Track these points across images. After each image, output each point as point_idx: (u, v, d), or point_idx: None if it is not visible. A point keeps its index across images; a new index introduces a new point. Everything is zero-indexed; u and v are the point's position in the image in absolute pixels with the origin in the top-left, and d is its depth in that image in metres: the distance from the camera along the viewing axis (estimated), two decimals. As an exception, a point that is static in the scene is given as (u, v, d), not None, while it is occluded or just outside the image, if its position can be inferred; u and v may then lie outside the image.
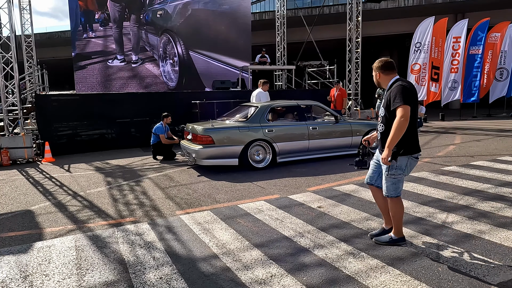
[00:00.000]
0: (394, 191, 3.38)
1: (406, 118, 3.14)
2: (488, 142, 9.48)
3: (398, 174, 3.34)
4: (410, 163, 3.35)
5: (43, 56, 19.89)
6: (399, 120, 3.14)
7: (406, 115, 3.14)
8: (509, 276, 2.91)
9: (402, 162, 3.31)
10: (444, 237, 3.69)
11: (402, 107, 3.15)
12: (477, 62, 14.68)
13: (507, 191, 5.14)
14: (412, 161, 3.37)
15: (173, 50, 16.10)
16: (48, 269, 3.28)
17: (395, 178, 3.35)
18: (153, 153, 8.64)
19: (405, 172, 3.37)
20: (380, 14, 21.39)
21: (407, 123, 3.15)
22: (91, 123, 10.41)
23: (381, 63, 3.46)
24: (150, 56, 15.97)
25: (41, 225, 4.48)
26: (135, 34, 15.52)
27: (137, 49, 15.64)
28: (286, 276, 3.02)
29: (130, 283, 2.99)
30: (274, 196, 5.33)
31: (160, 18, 15.84)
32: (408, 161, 3.33)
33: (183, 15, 16.17)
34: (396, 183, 3.37)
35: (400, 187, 3.40)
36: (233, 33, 16.91)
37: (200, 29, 16.31)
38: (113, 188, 6.13)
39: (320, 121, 8.10)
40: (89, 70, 15.09)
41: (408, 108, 3.16)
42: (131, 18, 15.36)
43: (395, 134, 3.15)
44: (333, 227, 4.05)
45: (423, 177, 6.09)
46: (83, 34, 14.87)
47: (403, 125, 3.14)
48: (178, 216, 4.60)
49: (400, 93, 3.20)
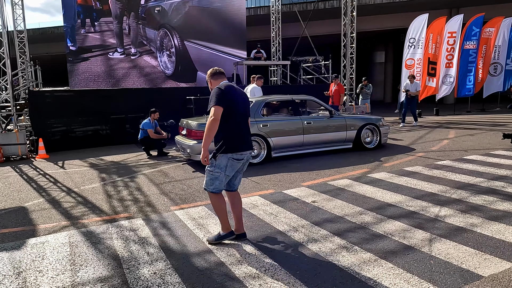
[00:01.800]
0: (211, 186, 3.50)
1: (216, 118, 3.29)
2: (482, 136, 9.54)
3: (216, 172, 3.46)
4: (231, 163, 3.46)
5: (36, 52, 19.72)
6: (209, 120, 3.31)
7: (215, 115, 3.30)
8: (500, 268, 2.94)
9: (222, 161, 3.44)
10: (437, 230, 3.72)
11: (213, 108, 3.33)
12: (472, 57, 14.72)
13: (499, 185, 5.19)
14: (233, 163, 3.47)
15: (170, 43, 16.64)
16: (42, 265, 3.27)
17: (213, 175, 3.47)
18: (145, 150, 8.56)
19: (225, 171, 3.47)
20: (375, 9, 21.37)
21: (216, 122, 3.29)
22: (85, 119, 10.36)
23: (210, 72, 3.68)
24: (148, 50, 16.52)
25: (35, 221, 4.46)
26: (134, 29, 16.13)
27: (136, 43, 16.28)
28: (279, 270, 3.04)
29: (124, 279, 3.00)
30: (268, 191, 5.34)
31: (158, 13, 16.25)
32: (228, 162, 3.44)
33: (179, 12, 16.55)
34: (214, 179, 3.48)
35: (216, 185, 3.49)
36: (228, 24, 17.09)
37: (195, 24, 16.64)
38: (107, 184, 6.12)
39: (314, 115, 8.11)
40: (92, 61, 15.65)
41: (219, 109, 3.32)
42: (130, 15, 15.82)
43: (206, 133, 3.32)
44: (326, 222, 4.07)
45: (416, 171, 6.13)
46: (81, 30, 15.05)
47: (211, 125, 3.29)
48: (173, 212, 4.60)
49: (214, 95, 3.38)
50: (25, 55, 14.94)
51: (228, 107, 3.36)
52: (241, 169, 3.63)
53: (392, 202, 4.63)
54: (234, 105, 3.43)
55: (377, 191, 5.13)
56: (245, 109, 3.62)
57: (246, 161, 3.61)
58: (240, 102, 3.51)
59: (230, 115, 3.39)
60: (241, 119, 3.51)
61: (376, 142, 8.23)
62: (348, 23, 14.94)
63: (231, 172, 3.51)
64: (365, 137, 8.18)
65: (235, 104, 3.45)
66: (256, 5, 22.38)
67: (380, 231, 3.74)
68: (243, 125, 3.54)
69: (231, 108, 3.40)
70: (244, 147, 3.50)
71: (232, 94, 3.44)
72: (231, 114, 3.40)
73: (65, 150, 9.72)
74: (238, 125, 3.48)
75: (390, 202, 4.65)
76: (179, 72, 16.68)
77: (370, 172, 6.21)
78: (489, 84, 15.93)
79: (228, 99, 3.38)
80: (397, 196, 4.88)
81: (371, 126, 8.19)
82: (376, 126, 8.20)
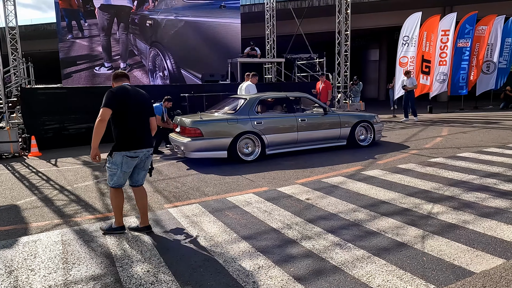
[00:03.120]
0: (111, 181, 3.77)
1: (102, 119, 3.51)
2: (475, 134, 9.61)
3: (113, 168, 3.70)
4: (126, 161, 3.67)
5: (28, 48, 19.49)
6: (96, 121, 3.53)
7: (102, 116, 3.53)
8: (491, 264, 2.97)
9: (117, 158, 3.66)
10: (429, 227, 3.74)
11: (101, 109, 3.56)
12: (465, 55, 14.81)
13: (491, 182, 5.23)
14: (128, 160, 3.68)
15: (162, 63, 15.84)
16: (34, 264, 3.24)
17: (111, 171, 3.72)
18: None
19: (121, 168, 3.68)
20: (369, 6, 21.40)
21: (101, 123, 3.52)
22: (78, 116, 10.27)
23: (112, 75, 3.95)
24: (138, 62, 15.60)
25: (27, 219, 4.42)
26: (124, 42, 15.18)
27: (125, 56, 15.30)
28: (273, 267, 3.04)
29: (117, 277, 2.98)
30: (262, 189, 5.34)
31: (149, 28, 15.49)
32: (123, 159, 3.66)
33: (173, 28, 15.82)
34: (112, 175, 3.73)
35: (115, 180, 3.74)
36: (223, 44, 16.67)
37: (190, 47, 15.96)
38: (100, 182, 6.08)
39: (309, 113, 8.11)
40: (74, 79, 14.74)
41: (107, 111, 3.55)
42: (120, 26, 15.04)
43: (93, 133, 3.55)
44: (320, 219, 4.08)
45: (410, 169, 6.16)
46: (68, 35, 14.52)
47: (97, 125, 3.52)
48: (166, 210, 4.59)
49: (104, 98, 3.60)
50: (17, 52, 14.77)
51: (119, 109, 3.60)
52: (141, 166, 3.83)
53: (386, 199, 4.65)
54: (125, 106, 3.64)
55: (371, 188, 5.15)
56: (141, 109, 3.78)
57: (145, 158, 3.81)
58: (132, 104, 3.69)
59: (122, 115, 3.63)
60: (134, 119, 3.70)
61: (370, 140, 8.26)
62: (342, 20, 14.96)
63: (127, 168, 3.71)
64: (359, 134, 8.21)
65: (127, 105, 3.65)
66: (250, 2, 22.30)
67: (374, 228, 3.75)
68: (137, 125, 3.73)
69: (123, 109, 3.62)
70: (137, 145, 3.70)
71: (123, 96, 3.66)
72: (123, 114, 3.63)
73: (58, 148, 9.65)
74: (131, 125, 3.69)
75: (383, 199, 4.67)
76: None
77: (364, 170, 6.23)
78: (482, 82, 16.03)
79: (119, 101, 3.61)
80: (390, 193, 4.91)
81: (365, 124, 8.21)
82: (370, 123, 8.22)
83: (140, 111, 3.76)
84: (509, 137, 8.80)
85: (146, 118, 3.84)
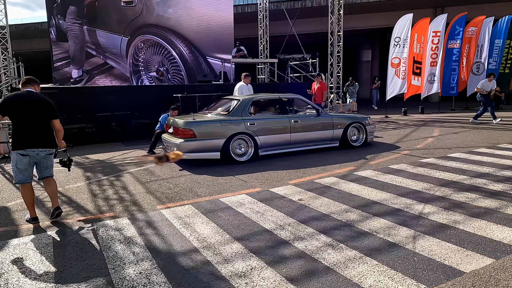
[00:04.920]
0: (15, 178, 4.20)
1: None
2: (465, 134, 9.72)
3: (12, 166, 4.20)
4: (19, 158, 4.13)
5: (19, 48, 19.29)
6: None
7: None
8: (481, 264, 3.00)
9: (13, 156, 4.16)
10: (421, 227, 3.78)
11: None
12: (455, 56, 14.96)
13: (481, 182, 5.29)
14: (21, 158, 4.13)
15: (157, 58, 15.68)
16: (24, 267, 3.21)
17: (12, 168, 4.22)
18: (153, 142, 8.26)
19: (17, 165, 4.13)
20: (361, 7, 21.54)
21: None
22: (70, 117, 10.16)
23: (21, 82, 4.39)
24: (101, 64, 15.07)
25: (17, 221, 4.38)
26: (76, 36, 14.63)
27: (80, 59, 14.77)
28: (266, 268, 3.05)
29: (109, 279, 2.97)
30: (255, 190, 5.34)
31: (128, 9, 14.69)
32: (17, 157, 4.13)
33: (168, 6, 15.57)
34: (13, 172, 4.21)
35: (15, 177, 4.19)
36: (215, 30, 16.63)
37: (181, 26, 15.88)
38: (92, 183, 6.04)
39: (301, 114, 8.14)
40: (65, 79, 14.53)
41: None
42: (69, 11, 14.34)
43: None
44: (313, 219, 4.10)
45: (401, 169, 6.21)
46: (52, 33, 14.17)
47: None
48: (159, 211, 4.57)
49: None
50: (7, 52, 14.60)
51: (10, 113, 4.10)
52: (42, 165, 4.27)
53: (378, 200, 4.68)
54: (15, 111, 4.10)
55: (363, 188, 5.19)
56: (35, 113, 4.17)
57: (41, 158, 4.21)
58: (23, 108, 4.11)
59: (14, 118, 4.11)
60: (25, 122, 4.12)
61: (362, 140, 8.31)
62: (335, 21, 15.02)
63: (21, 165, 4.13)
64: (352, 135, 8.25)
65: (17, 110, 4.10)
66: (243, 2, 22.30)
67: (366, 229, 3.78)
68: (27, 127, 4.13)
69: (13, 113, 4.10)
70: (27, 145, 4.12)
71: (14, 101, 4.11)
72: (14, 118, 4.11)
73: (49, 149, 9.54)
74: (22, 127, 4.12)
75: (375, 199, 4.70)
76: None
77: (356, 170, 6.27)
78: (472, 83, 16.18)
79: (9, 106, 4.09)
80: (382, 193, 4.94)
81: (358, 125, 8.26)
82: (362, 124, 8.27)
83: (33, 115, 4.15)
84: (499, 138, 8.92)
85: (43, 121, 4.22)
